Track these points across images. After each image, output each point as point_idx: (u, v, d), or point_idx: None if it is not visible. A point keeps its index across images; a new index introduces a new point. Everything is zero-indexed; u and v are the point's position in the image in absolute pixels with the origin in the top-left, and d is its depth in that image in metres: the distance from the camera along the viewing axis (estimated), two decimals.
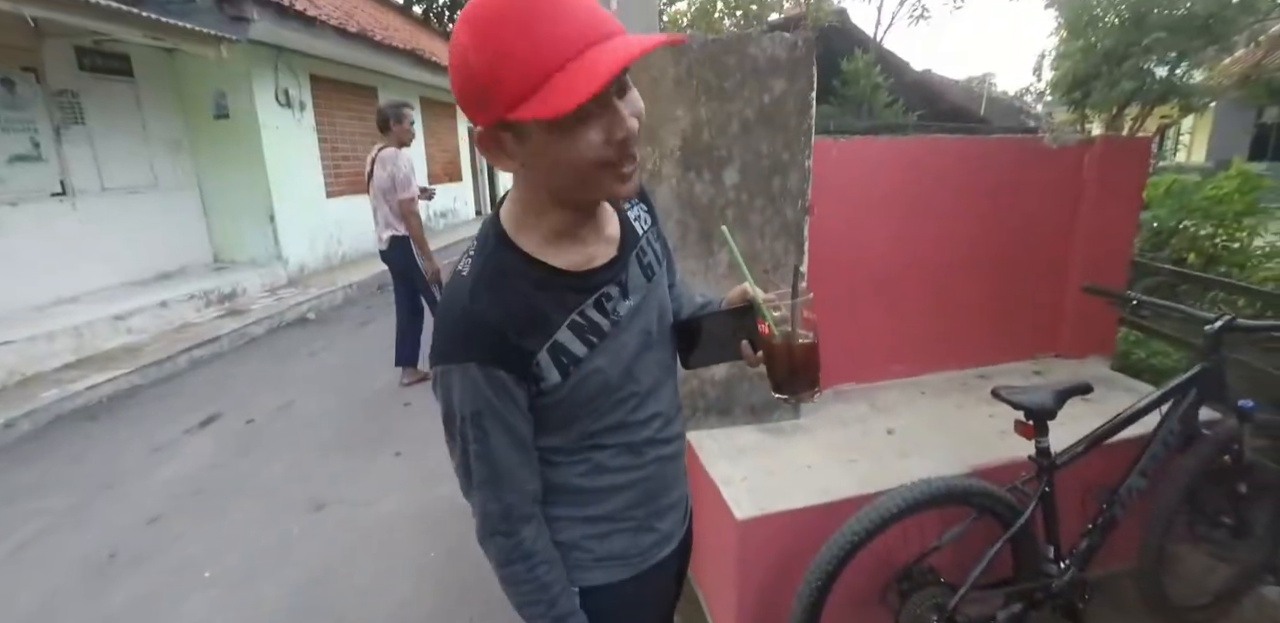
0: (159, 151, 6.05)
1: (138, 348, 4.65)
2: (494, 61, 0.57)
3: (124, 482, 3.00)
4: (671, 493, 0.93)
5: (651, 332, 0.84)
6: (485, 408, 0.72)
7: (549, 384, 0.74)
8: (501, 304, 0.71)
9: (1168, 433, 1.58)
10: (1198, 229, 3.69)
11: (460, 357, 0.71)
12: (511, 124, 0.62)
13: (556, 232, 0.74)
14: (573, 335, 0.75)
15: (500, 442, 0.74)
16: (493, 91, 0.58)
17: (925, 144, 2.17)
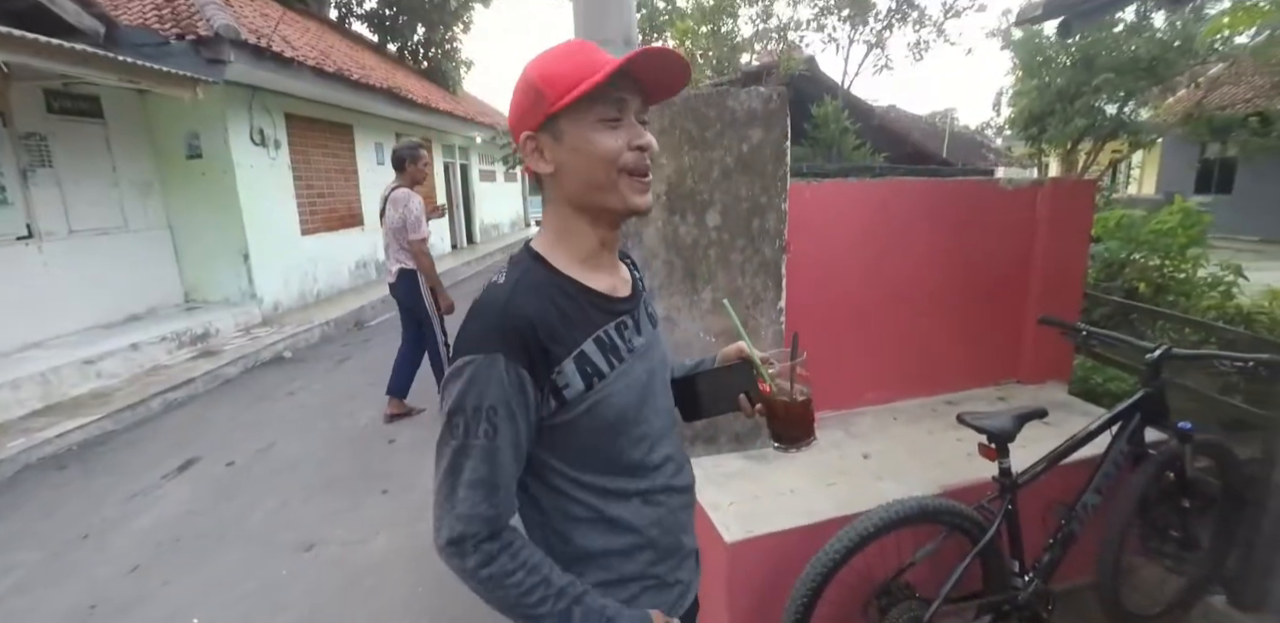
0: (129, 193, 6.02)
1: (108, 393, 4.53)
2: (552, 71, 0.75)
3: (101, 532, 2.91)
4: (687, 544, 0.96)
5: (656, 376, 0.89)
6: (501, 404, 0.73)
7: (573, 393, 0.77)
8: (538, 305, 0.76)
9: (1117, 453, 1.72)
10: (1146, 260, 3.94)
11: (490, 348, 0.73)
12: (553, 121, 0.76)
13: (584, 255, 0.83)
14: (597, 349, 0.79)
15: (507, 443, 0.74)
16: (545, 92, 0.75)
17: (891, 186, 2.35)
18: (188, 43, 5.42)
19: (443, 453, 0.76)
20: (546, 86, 0.75)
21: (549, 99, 0.75)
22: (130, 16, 5.78)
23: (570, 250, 0.83)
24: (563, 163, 0.78)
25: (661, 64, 0.75)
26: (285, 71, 6.22)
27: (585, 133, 0.76)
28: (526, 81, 0.77)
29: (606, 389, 0.79)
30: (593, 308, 0.81)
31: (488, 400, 0.73)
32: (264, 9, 7.49)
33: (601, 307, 0.82)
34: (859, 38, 8.72)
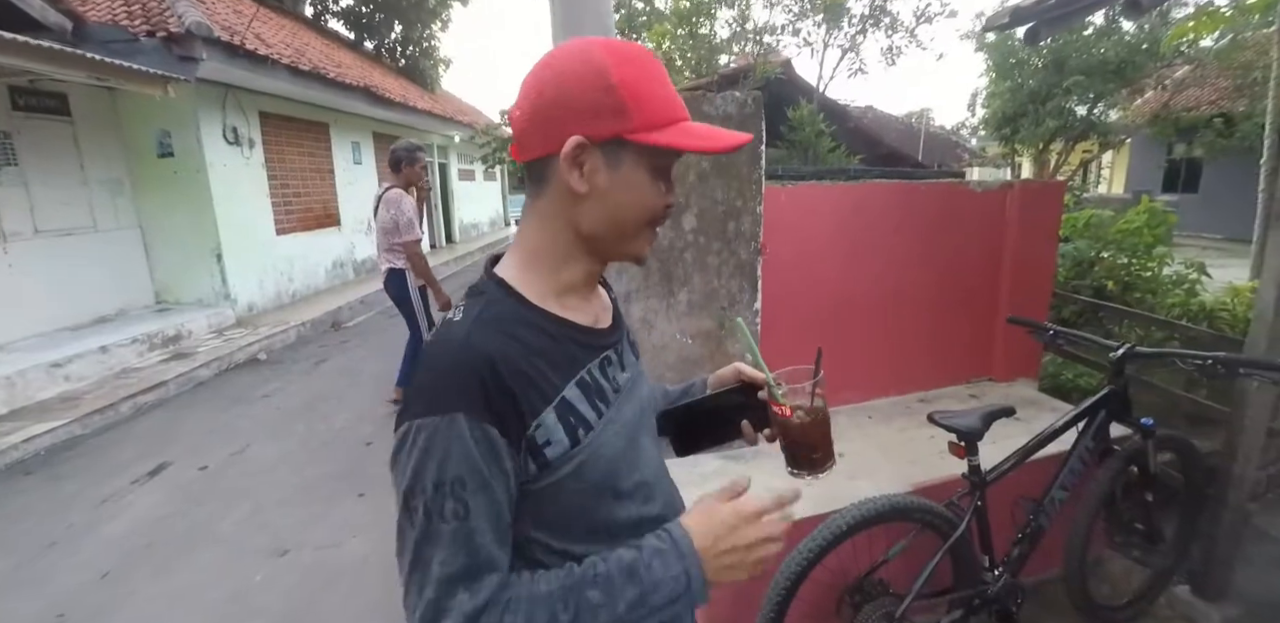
0: (98, 192, 5.89)
1: (77, 396, 4.43)
2: (642, 89, 0.62)
3: (69, 538, 2.85)
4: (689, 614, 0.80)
5: (645, 414, 0.78)
6: (469, 474, 0.58)
7: (556, 451, 0.63)
8: (503, 344, 0.62)
9: (1083, 449, 1.76)
10: (1115, 259, 4.04)
11: (445, 406, 0.58)
12: (617, 146, 0.63)
13: (569, 285, 0.71)
14: (581, 395, 0.66)
15: (484, 521, 0.59)
16: (631, 110, 0.62)
17: (866, 188, 2.39)
18: (158, 40, 5.32)
19: (404, 544, 0.60)
20: (634, 102, 0.62)
21: (633, 120, 0.62)
22: (99, 13, 5.65)
23: (549, 277, 0.69)
24: (604, 192, 0.65)
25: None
26: (259, 69, 6.12)
27: (644, 176, 0.65)
28: (600, 75, 0.62)
29: (595, 441, 0.66)
30: (573, 344, 0.68)
31: (451, 473, 0.58)
32: (237, 6, 7.36)
33: (583, 342, 0.70)
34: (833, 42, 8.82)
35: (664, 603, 0.63)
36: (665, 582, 0.62)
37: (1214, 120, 10.84)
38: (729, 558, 0.65)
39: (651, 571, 0.63)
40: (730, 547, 0.65)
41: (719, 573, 0.65)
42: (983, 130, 13.04)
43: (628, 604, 0.61)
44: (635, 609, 0.62)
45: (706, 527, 0.66)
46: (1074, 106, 10.13)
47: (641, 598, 0.62)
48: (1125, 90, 10.35)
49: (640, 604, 0.62)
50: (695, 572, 0.63)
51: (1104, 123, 10.73)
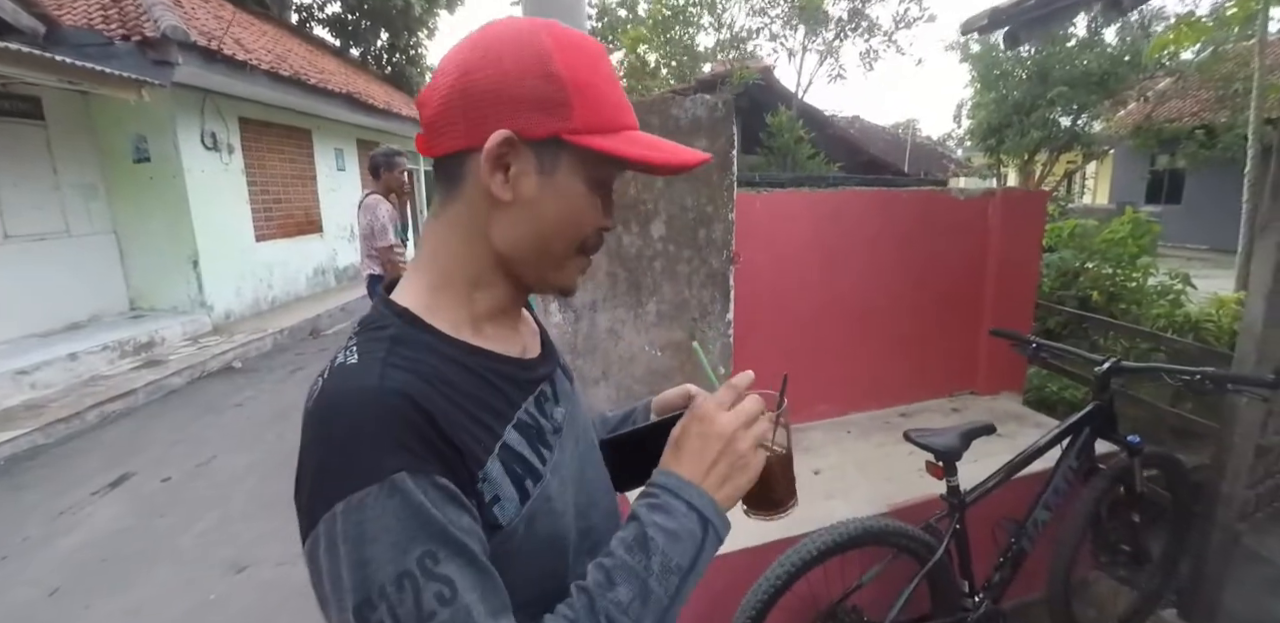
0: (71, 196, 5.76)
1: (42, 405, 4.30)
2: (588, 84, 0.52)
3: (22, 552, 2.74)
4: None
5: (589, 452, 0.67)
6: (438, 543, 0.44)
7: (508, 510, 0.51)
8: (429, 384, 0.49)
9: (1067, 468, 1.69)
10: (1099, 269, 4.01)
11: (378, 470, 0.44)
12: (555, 148, 0.53)
13: (489, 311, 0.59)
14: (522, 439, 0.55)
15: (474, 585, 0.45)
16: (574, 106, 0.52)
17: (843, 196, 2.32)
18: (133, 44, 5.24)
19: None
20: (579, 97, 0.52)
21: (575, 118, 0.52)
22: (75, 17, 5.57)
23: (463, 302, 0.57)
24: (530, 202, 0.54)
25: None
26: (238, 74, 6.04)
27: (580, 187, 0.55)
28: (544, 66, 0.51)
29: (545, 493, 0.55)
30: (504, 381, 0.56)
31: (416, 549, 0.44)
32: (218, 11, 7.28)
33: (513, 377, 0.58)
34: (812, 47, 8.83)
35: (692, 556, 0.53)
36: (679, 533, 0.53)
37: (1196, 131, 10.96)
38: (725, 462, 0.56)
39: (658, 528, 0.53)
40: (714, 456, 0.56)
41: (724, 485, 0.56)
42: (968, 141, 13.14)
43: (655, 577, 0.51)
44: (666, 580, 0.52)
45: (679, 454, 0.58)
46: (1058, 117, 10.22)
47: (665, 565, 0.52)
48: (1108, 102, 10.46)
49: (666, 573, 0.52)
50: (701, 501, 0.55)
51: (1088, 134, 10.83)
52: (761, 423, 0.59)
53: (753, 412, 0.58)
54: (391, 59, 12.90)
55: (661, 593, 0.51)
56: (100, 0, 5.89)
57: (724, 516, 0.56)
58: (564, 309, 1.83)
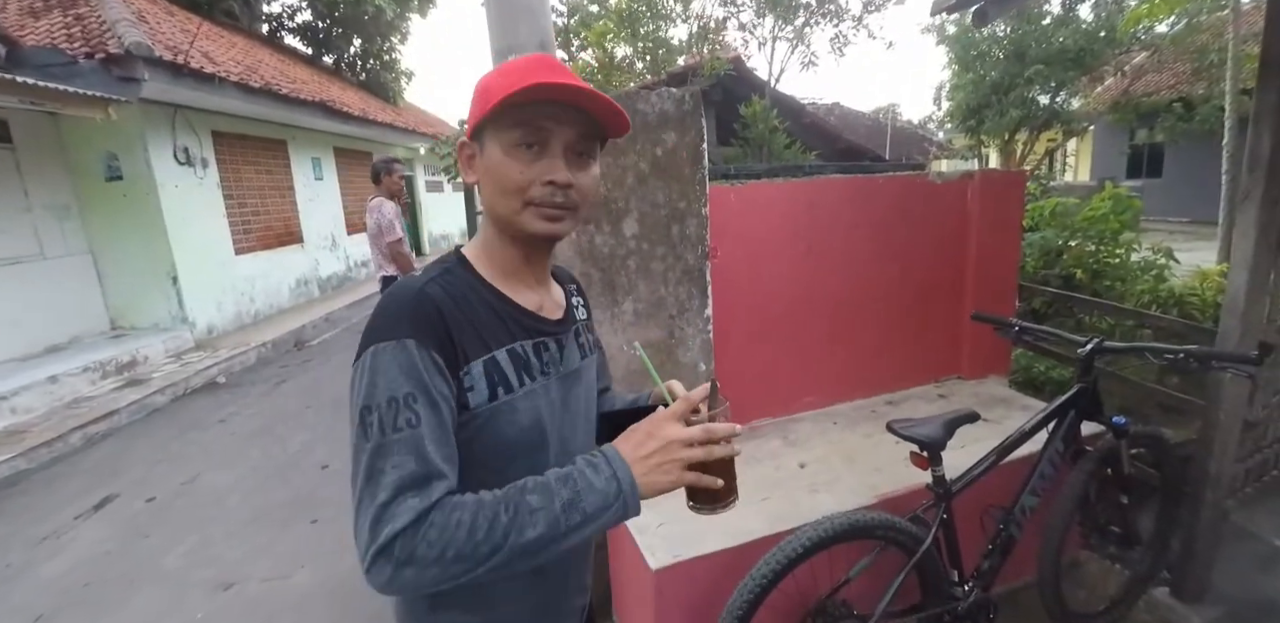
0: (44, 218, 5.66)
1: (23, 430, 4.22)
2: (492, 81, 0.72)
3: (4, 580, 2.69)
4: (572, 592, 0.87)
5: (577, 407, 0.83)
6: (419, 389, 0.65)
7: (477, 398, 0.70)
8: (451, 301, 0.71)
9: (1054, 452, 1.67)
10: (1082, 247, 4.00)
11: (399, 333, 0.66)
12: (480, 134, 0.74)
13: (509, 268, 0.79)
14: (509, 360, 0.74)
15: (432, 429, 0.65)
16: (479, 103, 0.72)
17: (819, 185, 2.29)
18: (97, 61, 5.14)
19: (359, 461, 0.64)
20: (482, 95, 0.72)
21: (478, 108, 0.72)
22: (38, 37, 5.47)
23: (495, 261, 0.79)
24: (481, 177, 0.75)
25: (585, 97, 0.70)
26: (207, 88, 5.94)
27: (499, 154, 0.72)
28: (477, 87, 0.75)
29: (512, 403, 0.73)
30: (512, 321, 0.76)
31: (404, 388, 0.64)
32: (185, 24, 7.17)
33: (523, 323, 0.77)
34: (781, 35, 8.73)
35: (598, 508, 0.65)
36: (596, 484, 0.66)
37: (1174, 105, 10.98)
38: (653, 460, 0.67)
39: (584, 475, 0.67)
40: (650, 451, 0.67)
41: (647, 475, 0.67)
42: (949, 123, 13.12)
43: (563, 504, 0.64)
44: (570, 512, 0.64)
45: (628, 439, 0.70)
46: (1037, 96, 10.22)
47: (575, 500, 0.65)
48: (1086, 78, 10.46)
49: (574, 507, 0.65)
50: (624, 474, 0.66)
51: (1067, 111, 10.84)
52: (698, 451, 0.68)
53: (695, 436, 0.68)
54: (365, 65, 12.74)
55: (561, 519, 0.64)
56: (63, 18, 5.79)
57: (637, 493, 0.67)
58: None
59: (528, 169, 0.71)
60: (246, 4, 10.92)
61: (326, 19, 12.18)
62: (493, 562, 0.62)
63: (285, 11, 12.23)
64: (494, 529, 0.62)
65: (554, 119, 0.71)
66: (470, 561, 0.61)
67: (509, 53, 2.63)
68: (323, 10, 11.98)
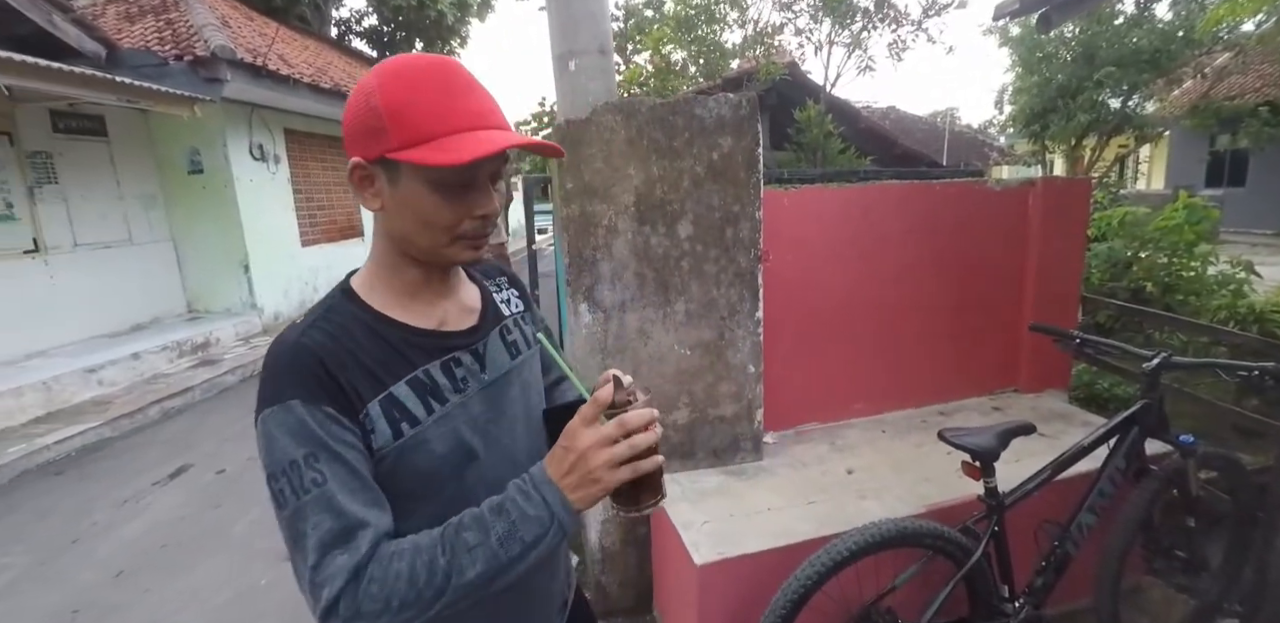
0: (133, 207, 6.09)
1: (108, 401, 4.57)
2: (402, 106, 0.63)
3: (90, 537, 2.93)
4: (538, 599, 0.84)
5: (519, 412, 0.80)
6: (316, 447, 0.63)
7: (380, 442, 0.67)
8: (333, 341, 0.67)
9: (1114, 469, 1.62)
10: (1153, 259, 3.82)
11: (283, 396, 0.64)
12: (391, 164, 0.65)
13: (409, 289, 0.74)
14: (411, 392, 0.70)
15: (342, 481, 0.63)
16: (390, 130, 0.64)
17: (875, 190, 2.27)
18: (185, 63, 5.51)
19: (284, 530, 0.64)
20: (391, 122, 0.63)
21: (391, 140, 0.63)
22: (133, 39, 5.90)
23: (389, 285, 0.74)
24: (393, 208, 0.68)
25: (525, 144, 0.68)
26: (282, 88, 6.29)
27: (424, 191, 0.66)
28: (367, 98, 0.64)
29: (422, 435, 0.69)
30: (410, 347, 0.72)
31: (301, 450, 0.63)
32: (263, 29, 7.58)
33: (422, 345, 0.73)
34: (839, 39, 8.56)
35: (536, 536, 0.64)
36: (529, 512, 0.65)
37: (1260, 109, 10.29)
38: (576, 474, 0.65)
39: (516, 504, 0.65)
40: (570, 465, 0.65)
41: (576, 491, 0.65)
42: (1011, 128, 12.64)
43: (499, 538, 0.63)
44: (508, 544, 0.64)
45: (552, 457, 0.67)
46: (1107, 99, 9.74)
47: (511, 531, 0.64)
48: (1161, 80, 9.90)
49: (511, 538, 0.64)
50: (553, 496, 0.65)
51: (1140, 115, 10.29)
52: (620, 447, 0.64)
53: (609, 435, 0.64)
54: None
55: (500, 553, 0.63)
56: (155, 23, 6.21)
57: (571, 512, 0.65)
58: (593, 310, 1.85)
59: (458, 206, 0.67)
60: (318, 9, 11.44)
61: (391, 23, 12.65)
62: (441, 602, 0.62)
63: (353, 16, 12.77)
64: (434, 574, 0.62)
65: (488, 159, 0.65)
66: (416, 606, 0.61)
67: (570, 58, 2.71)
68: (388, 15, 12.44)
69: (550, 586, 0.88)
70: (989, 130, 20.43)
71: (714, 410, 1.96)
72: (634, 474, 0.65)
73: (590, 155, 1.77)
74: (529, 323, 0.89)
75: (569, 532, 0.67)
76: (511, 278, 0.93)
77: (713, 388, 1.94)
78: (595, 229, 1.81)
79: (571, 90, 2.67)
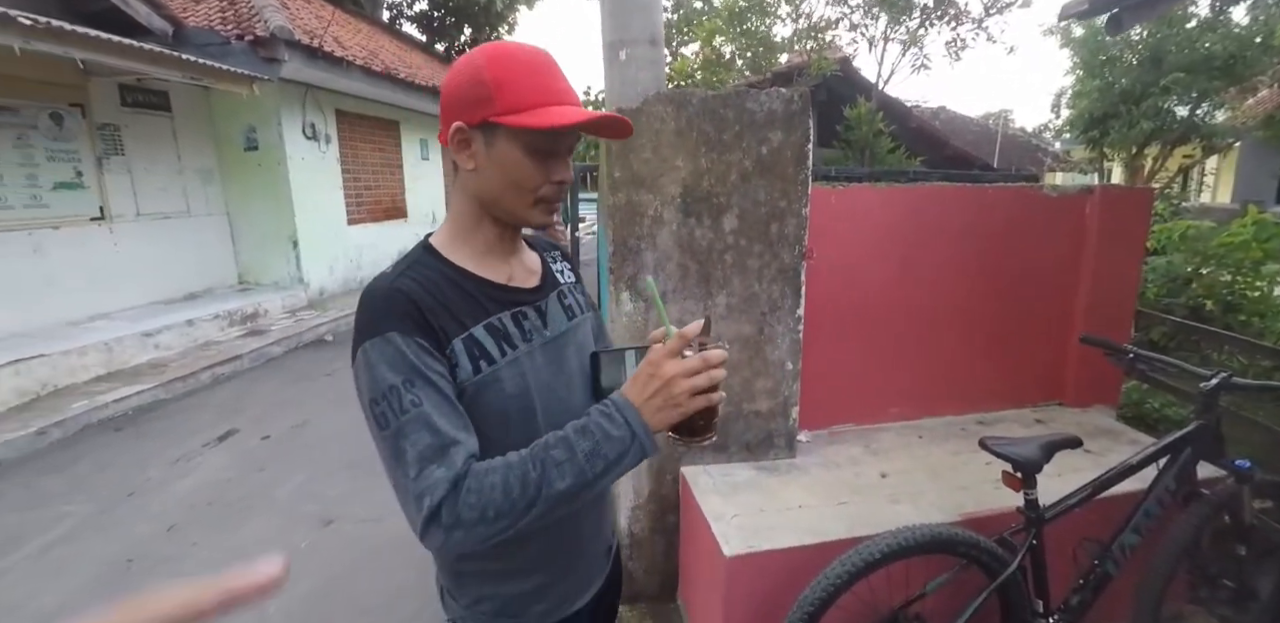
0: (191, 180, 6.34)
1: (163, 364, 4.80)
2: (506, 80, 0.74)
3: (145, 491, 3.09)
4: (586, 538, 0.92)
5: (574, 368, 0.87)
6: (413, 374, 0.70)
7: (462, 376, 0.75)
8: (423, 287, 0.75)
9: (1163, 490, 1.57)
10: (1215, 276, 3.66)
11: (381, 329, 0.71)
12: (491, 128, 0.75)
13: (486, 247, 0.83)
14: (488, 335, 0.78)
15: (436, 404, 0.70)
16: (495, 98, 0.73)
17: (924, 192, 2.22)
18: (246, 43, 5.67)
19: (383, 449, 0.71)
20: (498, 91, 0.73)
21: (496, 106, 0.73)
22: (197, 18, 6.10)
23: (468, 242, 0.83)
24: (486, 168, 0.78)
25: (610, 122, 0.78)
26: (335, 70, 6.44)
27: (517, 155, 0.76)
28: (476, 72, 0.74)
29: (496, 374, 0.78)
30: (485, 298, 0.80)
31: (400, 376, 0.70)
32: (319, 11, 7.75)
33: (496, 296, 0.82)
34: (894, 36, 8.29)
35: (619, 454, 0.70)
36: (613, 433, 0.70)
37: None
38: (658, 399, 0.70)
39: (600, 426, 0.71)
40: (654, 390, 0.70)
41: (656, 414, 0.70)
42: (1067, 133, 12.16)
43: (585, 454, 0.69)
44: (593, 461, 0.69)
45: (634, 383, 0.73)
46: (1173, 107, 9.26)
47: (596, 449, 0.69)
48: (1234, 89, 9.38)
49: (596, 455, 0.69)
50: (634, 420, 0.70)
51: (1208, 125, 9.76)
52: (701, 378, 0.70)
53: (694, 367, 0.70)
54: None
55: (587, 468, 0.69)
56: (218, 3, 6.41)
57: (651, 434, 0.71)
58: (635, 299, 1.86)
59: (542, 170, 0.77)
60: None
61: (441, 8, 12.80)
62: (532, 514, 0.68)
63: (404, 1, 12.93)
64: (526, 485, 0.68)
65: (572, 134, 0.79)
66: (510, 516, 0.67)
67: (621, 47, 2.71)
68: (438, 0, 12.57)
69: (600, 526, 0.96)
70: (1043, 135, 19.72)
71: (749, 405, 1.95)
72: (708, 403, 0.71)
73: (639, 145, 1.78)
74: (581, 293, 0.97)
75: (649, 453, 0.72)
76: (564, 253, 1.00)
77: (749, 383, 1.94)
78: (641, 219, 1.81)
79: (621, 80, 2.67)
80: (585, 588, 0.93)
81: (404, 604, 2.25)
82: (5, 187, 4.62)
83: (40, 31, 3.70)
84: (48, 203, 4.92)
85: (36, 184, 4.84)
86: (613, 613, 1.05)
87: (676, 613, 2.02)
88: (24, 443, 3.52)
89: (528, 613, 0.87)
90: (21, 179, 4.74)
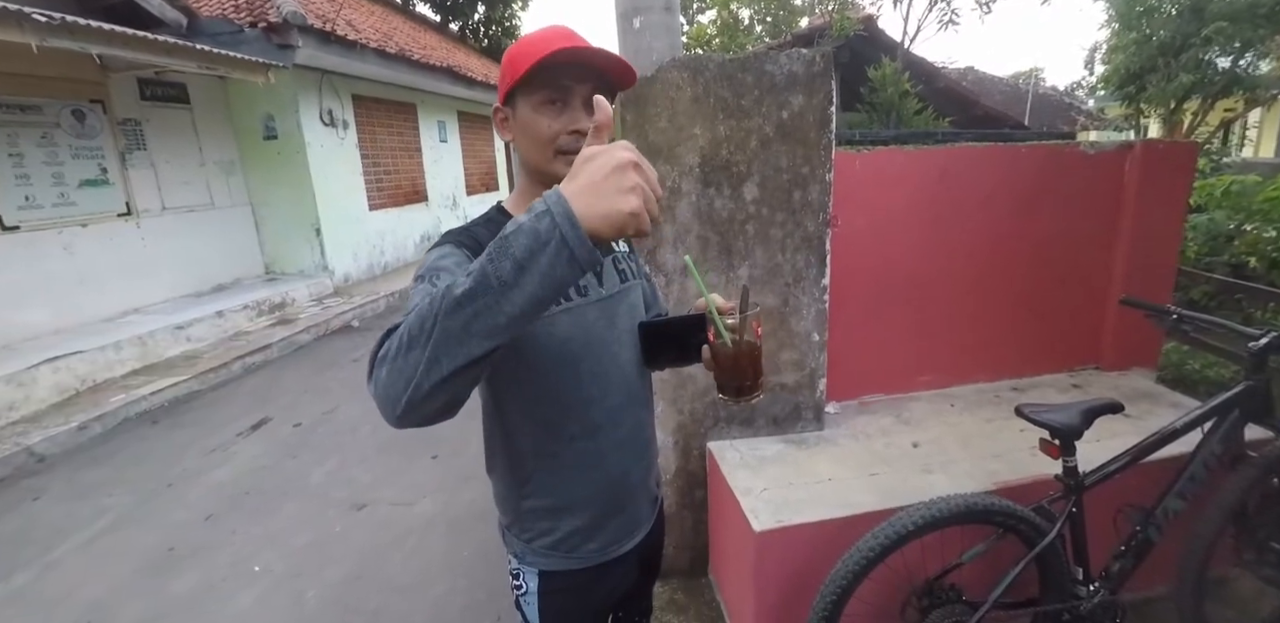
0: (214, 172, 6.41)
1: (196, 355, 4.92)
2: (517, 55, 0.83)
3: (183, 481, 3.19)
4: (635, 484, 0.99)
5: (616, 326, 0.94)
6: (456, 265, 0.79)
7: None
8: (490, 233, 0.81)
9: (1209, 454, 1.52)
10: (1260, 233, 3.50)
11: (443, 243, 0.85)
12: (511, 100, 0.86)
13: None
14: None
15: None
16: (507, 74, 0.84)
17: (952, 153, 2.14)
18: (259, 30, 5.65)
19: (410, 302, 0.68)
20: (508, 65, 0.84)
21: (508, 77, 0.83)
22: (210, 7, 6.08)
23: (527, 200, 0.91)
24: (518, 136, 0.87)
25: (600, 57, 0.80)
26: (350, 54, 6.39)
27: (530, 113, 0.84)
28: (505, 60, 0.86)
29: (551, 318, 0.85)
30: None
31: (446, 262, 0.79)
32: None
33: None
34: None
35: (527, 249, 0.55)
36: (525, 225, 0.56)
37: None
38: (594, 183, 0.57)
39: (516, 221, 0.58)
40: (589, 174, 0.57)
41: (592, 204, 0.56)
42: (1102, 90, 11.59)
43: (490, 254, 0.57)
44: (499, 260, 0.56)
45: (572, 173, 0.60)
46: (1214, 58, 8.72)
47: (503, 246, 0.56)
48: None
49: (502, 255, 0.56)
50: (557, 205, 0.56)
51: (1252, 76, 9.18)
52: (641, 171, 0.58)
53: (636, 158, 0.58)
54: (488, 31, 13.16)
55: (489, 269, 0.56)
56: None
57: (577, 227, 0.55)
58: (656, 273, 1.83)
59: (555, 122, 0.83)
60: None
61: None
62: (434, 338, 0.57)
63: None
64: (432, 303, 0.58)
65: (573, 77, 0.81)
66: (417, 344, 0.58)
67: (635, 15, 2.63)
68: None
69: (646, 476, 1.02)
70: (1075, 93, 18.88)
71: (775, 378, 1.93)
72: (641, 203, 0.57)
73: (654, 114, 1.73)
74: (635, 261, 1.04)
75: (577, 249, 0.55)
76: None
77: (775, 355, 1.91)
78: None
79: (635, 49, 2.59)
80: (632, 532, 1.00)
81: (435, 586, 2.30)
82: (33, 186, 4.71)
83: (56, 28, 3.72)
84: (75, 201, 5.01)
85: (63, 182, 4.93)
86: (656, 564, 1.14)
87: (708, 588, 2.04)
88: (65, 438, 3.64)
89: (580, 550, 0.95)
90: (48, 178, 4.83)
